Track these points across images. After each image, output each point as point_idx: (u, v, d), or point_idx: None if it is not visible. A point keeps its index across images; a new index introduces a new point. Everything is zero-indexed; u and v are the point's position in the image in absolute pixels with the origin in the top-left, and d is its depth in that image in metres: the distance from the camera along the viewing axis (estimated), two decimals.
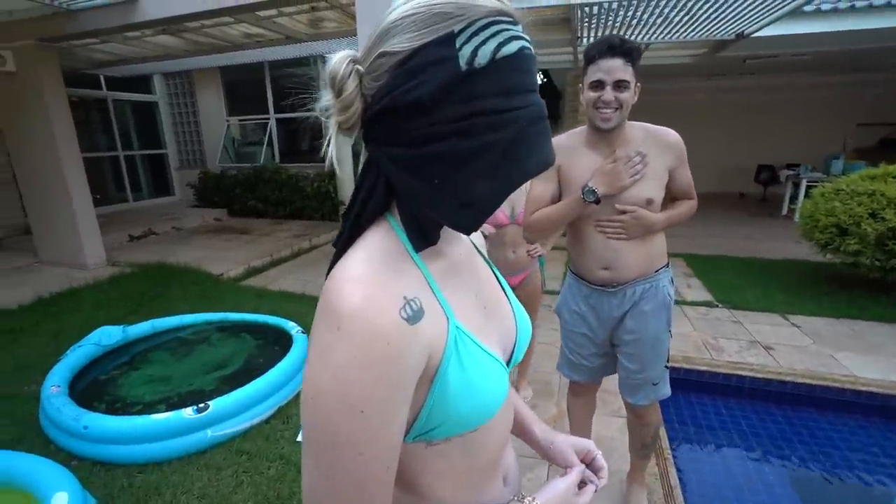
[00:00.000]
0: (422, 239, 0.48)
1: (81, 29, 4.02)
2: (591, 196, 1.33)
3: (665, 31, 4.40)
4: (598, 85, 1.28)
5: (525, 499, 0.57)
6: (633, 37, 4.46)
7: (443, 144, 0.42)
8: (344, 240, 0.50)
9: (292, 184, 7.22)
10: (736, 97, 8.98)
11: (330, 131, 0.49)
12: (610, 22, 4.09)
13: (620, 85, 1.26)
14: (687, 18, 3.89)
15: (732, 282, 4.17)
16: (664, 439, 2.04)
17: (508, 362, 0.60)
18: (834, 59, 6.67)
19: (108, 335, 2.80)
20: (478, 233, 0.68)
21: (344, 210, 0.52)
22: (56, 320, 3.49)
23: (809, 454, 2.13)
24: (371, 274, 0.44)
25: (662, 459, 1.93)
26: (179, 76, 8.30)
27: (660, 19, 3.94)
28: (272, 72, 7.61)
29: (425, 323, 0.45)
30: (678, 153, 1.39)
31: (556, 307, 1.66)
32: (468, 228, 0.47)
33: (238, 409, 2.16)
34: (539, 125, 0.45)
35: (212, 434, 2.08)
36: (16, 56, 4.22)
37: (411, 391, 0.44)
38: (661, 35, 4.52)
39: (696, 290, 4.03)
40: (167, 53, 5.62)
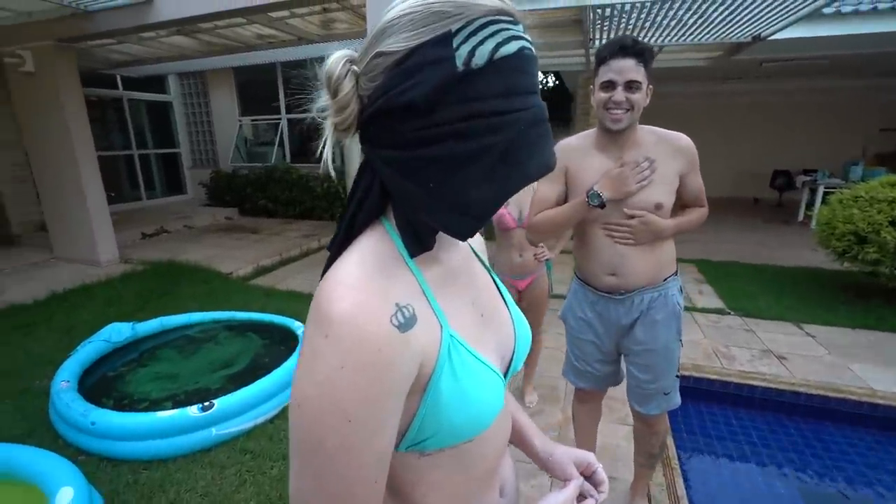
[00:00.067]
0: (417, 244, 0.47)
1: (98, 29, 4.09)
2: (596, 200, 1.31)
3: (679, 34, 4.34)
4: (609, 85, 1.26)
5: None
6: (647, 39, 4.41)
7: (439, 147, 0.41)
8: (338, 243, 0.49)
9: (302, 184, 7.28)
10: (751, 101, 8.84)
11: (326, 133, 0.48)
12: (623, 24, 4.05)
13: (632, 86, 1.24)
14: (701, 21, 3.84)
15: (745, 289, 4.08)
16: (671, 448, 2.00)
17: (507, 371, 0.58)
18: (854, 63, 6.53)
19: (118, 332, 2.84)
20: (478, 237, 0.67)
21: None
22: (69, 316, 3.55)
23: (823, 468, 2.07)
24: (363, 279, 0.43)
25: (669, 470, 1.89)
26: (193, 76, 8.43)
27: (673, 21, 3.89)
28: (284, 73, 7.67)
29: (418, 330, 0.43)
30: (690, 158, 1.36)
31: (562, 313, 1.64)
32: (464, 234, 0.45)
33: (242, 409, 2.16)
34: (540, 128, 0.43)
35: (216, 432, 2.09)
36: (35, 56, 4.31)
37: (402, 400, 0.43)
38: (676, 38, 4.46)
39: (708, 297, 3.96)
40: (181, 54, 5.70)
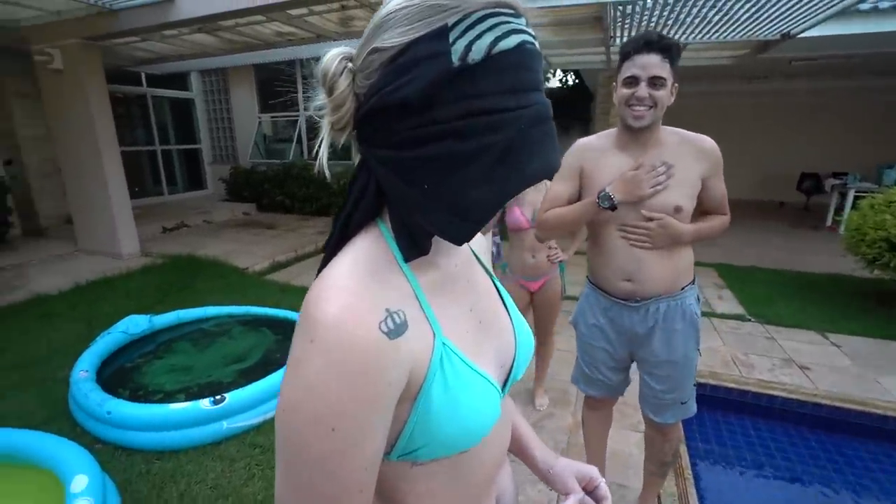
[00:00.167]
0: (412, 248, 0.45)
1: (123, 27, 4.19)
2: (607, 202, 1.27)
3: (704, 32, 4.22)
4: (633, 81, 1.21)
5: None
6: (670, 36, 4.30)
7: (434, 147, 0.39)
8: (333, 244, 0.48)
9: (319, 181, 7.34)
10: (778, 101, 8.55)
11: (323, 131, 0.47)
12: (644, 21, 3.95)
13: (656, 82, 1.19)
14: (727, 19, 3.72)
15: (767, 295, 3.95)
16: (684, 457, 1.94)
17: (507, 379, 0.56)
18: (889, 61, 6.24)
19: (136, 324, 2.90)
20: (480, 238, 0.64)
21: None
22: (90, 307, 3.65)
23: (845, 484, 1.99)
24: (353, 282, 0.41)
25: (682, 479, 1.84)
26: (215, 73, 8.58)
27: (697, 19, 3.78)
28: (303, 70, 7.75)
29: (409, 337, 0.42)
30: (713, 161, 1.31)
31: (573, 318, 1.60)
32: (459, 239, 0.43)
33: (253, 403, 2.19)
34: (543, 127, 0.41)
35: (227, 426, 2.11)
36: (63, 54, 4.44)
37: (390, 409, 0.41)
38: (701, 35, 4.34)
39: (728, 303, 3.85)
40: (203, 51, 5.80)
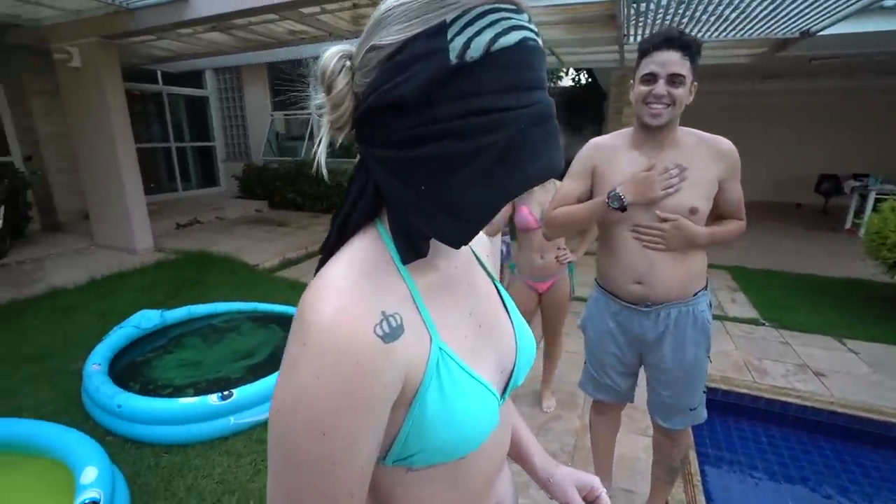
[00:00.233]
0: (410, 250, 0.44)
1: (139, 26, 4.25)
2: (616, 203, 1.24)
3: (721, 30, 4.13)
4: (651, 78, 1.19)
5: None
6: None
7: (432, 147, 0.38)
8: (330, 244, 0.47)
9: (330, 178, 7.37)
10: (794, 100, 8.36)
11: (322, 130, 0.46)
12: (659, 19, 3.88)
13: (675, 80, 1.16)
14: (743, 16, 3.64)
15: (782, 299, 3.87)
16: (693, 463, 1.91)
17: (507, 384, 0.55)
18: None
19: (148, 318, 2.94)
20: (483, 239, 0.63)
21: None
22: (104, 301, 3.72)
23: (862, 496, 1.93)
24: (349, 285, 0.40)
25: (691, 486, 1.80)
26: (229, 71, 8.67)
27: (713, 17, 3.70)
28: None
29: (404, 341, 0.41)
30: (731, 163, 1.27)
31: (581, 323, 1.57)
32: (456, 241, 0.42)
33: (260, 399, 2.20)
34: (544, 126, 0.40)
35: (234, 421, 2.13)
36: (81, 52, 4.52)
37: (384, 414, 0.40)
38: (717, 33, 4.25)
39: (741, 306, 3.77)
40: (217, 50, 5.86)
